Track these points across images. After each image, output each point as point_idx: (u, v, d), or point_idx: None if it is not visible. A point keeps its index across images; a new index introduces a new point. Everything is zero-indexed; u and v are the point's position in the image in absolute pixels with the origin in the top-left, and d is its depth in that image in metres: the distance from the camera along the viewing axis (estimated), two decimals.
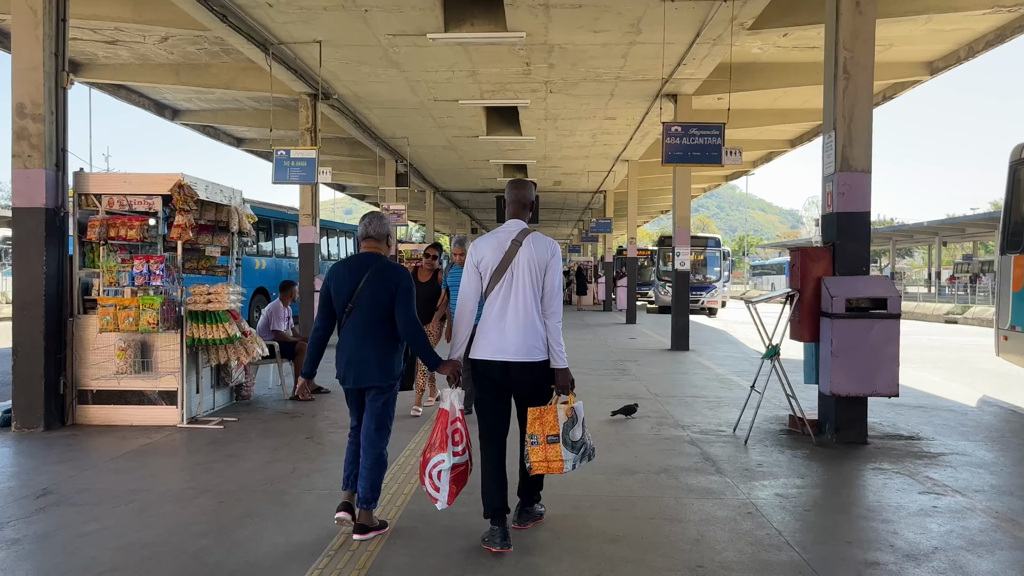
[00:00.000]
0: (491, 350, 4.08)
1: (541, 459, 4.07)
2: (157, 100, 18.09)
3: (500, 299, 4.09)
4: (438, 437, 4.05)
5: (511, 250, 4.11)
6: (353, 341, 4.22)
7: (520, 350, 4.04)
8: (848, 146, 6.72)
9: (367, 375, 4.22)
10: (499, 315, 4.08)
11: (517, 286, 4.07)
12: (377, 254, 4.36)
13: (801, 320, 6.81)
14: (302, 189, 14.73)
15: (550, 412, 4.07)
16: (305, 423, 7.48)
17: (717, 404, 8.70)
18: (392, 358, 4.26)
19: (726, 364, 12.65)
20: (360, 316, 4.20)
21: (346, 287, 4.24)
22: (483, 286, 4.15)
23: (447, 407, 4.10)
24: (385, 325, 4.22)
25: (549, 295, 4.12)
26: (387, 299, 4.19)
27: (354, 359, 4.21)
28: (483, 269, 4.15)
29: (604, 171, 25.21)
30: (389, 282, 4.19)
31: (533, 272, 4.08)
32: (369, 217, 4.46)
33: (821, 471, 5.85)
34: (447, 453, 4.00)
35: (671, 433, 7.13)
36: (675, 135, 10.09)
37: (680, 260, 14.58)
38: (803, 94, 16.57)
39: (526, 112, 16.51)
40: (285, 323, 9.08)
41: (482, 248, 4.19)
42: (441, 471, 4.01)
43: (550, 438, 4.05)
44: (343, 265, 4.33)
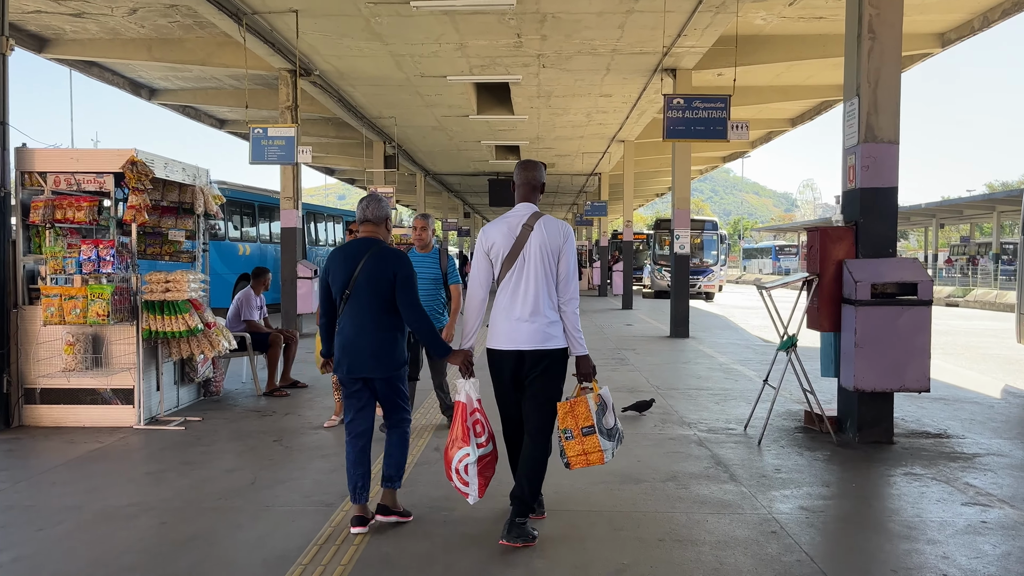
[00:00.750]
0: (504, 339, 3.95)
1: (578, 453, 3.92)
2: (132, 79, 17.28)
3: (512, 286, 3.94)
4: (459, 431, 3.93)
5: (522, 235, 3.94)
6: (349, 329, 4.07)
7: (533, 338, 3.90)
8: (873, 114, 6.05)
9: (362, 364, 4.06)
10: (510, 303, 3.94)
11: (529, 272, 3.92)
12: (375, 239, 4.20)
13: (820, 307, 6.17)
14: (283, 170, 14.01)
15: (581, 403, 3.92)
16: (275, 423, 6.82)
17: (723, 397, 8.07)
18: (390, 347, 4.09)
19: (728, 352, 12.03)
20: (357, 303, 4.06)
21: (343, 273, 4.09)
22: (494, 273, 4.02)
23: (463, 399, 3.96)
24: (384, 312, 4.06)
25: (564, 280, 3.97)
26: (385, 286, 4.04)
27: (349, 348, 4.06)
28: (494, 256, 4.00)
29: (599, 152, 24.49)
30: (387, 268, 4.05)
31: (546, 257, 3.94)
32: (367, 200, 4.27)
33: (847, 477, 5.22)
34: (471, 446, 3.89)
35: (676, 432, 6.50)
36: (677, 108, 9.40)
37: (680, 243, 13.93)
38: (807, 69, 15.88)
39: (518, 89, 15.78)
40: (257, 312, 8.39)
41: (492, 234, 4.02)
42: (468, 465, 3.91)
43: (585, 430, 3.89)
44: (340, 251, 4.17)
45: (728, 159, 29.24)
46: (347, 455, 4.17)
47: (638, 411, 7.17)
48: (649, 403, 7.22)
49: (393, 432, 4.24)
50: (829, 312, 6.15)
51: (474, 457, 3.91)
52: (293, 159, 10.77)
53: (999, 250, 42.21)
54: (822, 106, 19.68)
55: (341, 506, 4.51)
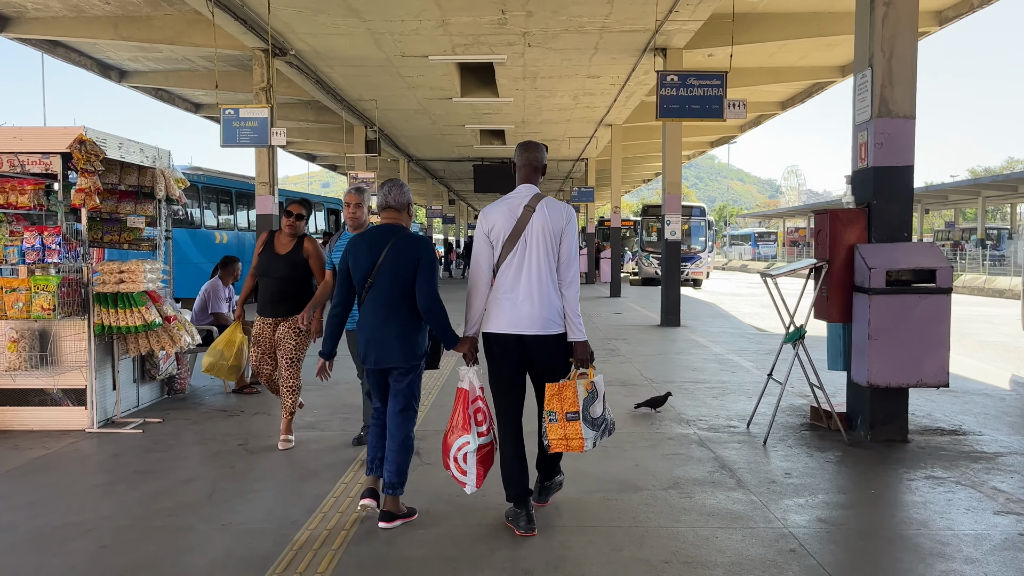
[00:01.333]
0: (504, 323, 3.87)
1: (560, 437, 3.84)
2: (100, 60, 16.58)
3: (513, 269, 3.87)
4: (460, 418, 3.87)
5: (524, 217, 3.87)
6: (374, 319, 3.98)
7: (535, 322, 3.84)
8: (888, 86, 5.59)
9: (389, 355, 3.98)
10: (512, 286, 3.87)
11: (531, 255, 3.86)
12: (398, 225, 4.09)
13: (830, 296, 5.72)
14: (258, 154, 13.38)
15: (569, 388, 3.83)
16: (241, 424, 6.31)
17: (722, 391, 7.63)
18: (416, 336, 4.02)
19: (722, 342, 11.60)
20: (381, 292, 3.96)
21: (366, 261, 3.97)
22: (495, 256, 3.92)
23: (466, 386, 3.89)
24: (408, 301, 3.97)
25: (565, 263, 3.91)
26: (410, 273, 3.94)
27: (375, 338, 3.97)
28: (494, 238, 3.92)
29: (586, 137, 24.00)
30: (411, 255, 3.94)
31: (548, 240, 3.87)
32: (389, 185, 4.13)
33: (864, 482, 4.79)
34: (471, 434, 3.83)
35: (675, 430, 6.05)
36: (671, 85, 8.91)
37: (671, 229, 13.47)
38: (800, 49, 15.43)
39: (503, 70, 15.23)
40: (226, 304, 7.85)
41: (492, 215, 3.94)
42: (467, 453, 3.85)
43: (569, 415, 3.81)
44: (362, 238, 4.05)
45: (716, 144, 28.80)
46: (371, 430, 4.21)
47: (652, 407, 6.69)
48: (664, 399, 6.73)
49: (396, 435, 4.03)
50: (839, 301, 5.70)
51: (474, 446, 3.83)
52: (266, 141, 10.22)
53: (983, 235, 42.17)
54: (813, 88, 19.24)
55: (307, 524, 4.02)
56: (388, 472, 4.00)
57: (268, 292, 5.61)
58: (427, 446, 5.47)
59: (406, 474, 4.03)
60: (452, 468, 3.91)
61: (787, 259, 56.20)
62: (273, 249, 5.65)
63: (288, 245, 5.65)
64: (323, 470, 4.98)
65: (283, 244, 5.67)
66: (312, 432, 6.00)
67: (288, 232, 5.67)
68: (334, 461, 5.18)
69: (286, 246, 5.65)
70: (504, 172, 27.89)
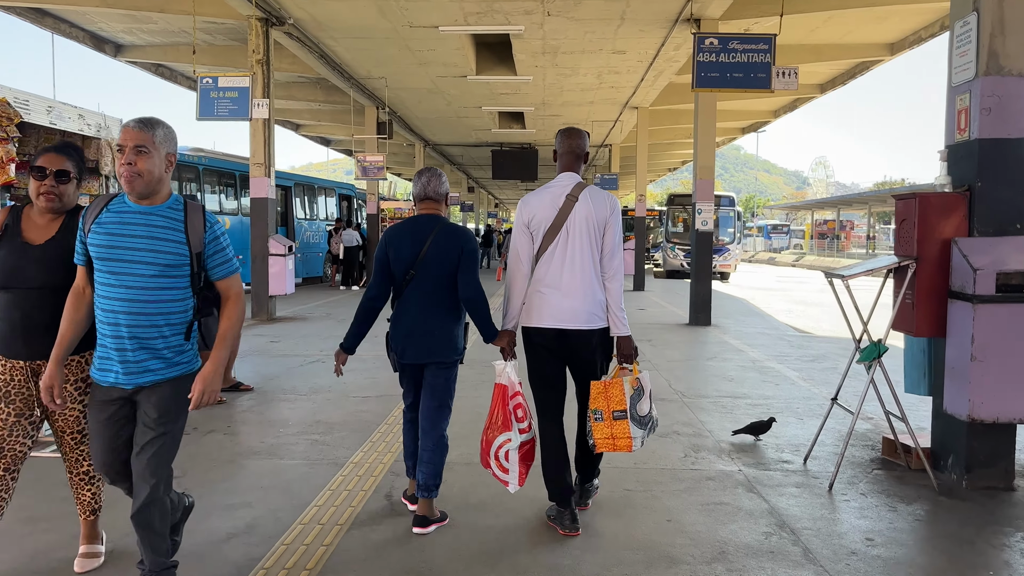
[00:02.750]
0: (546, 317, 3.77)
1: (606, 436, 3.71)
2: (93, 32, 15.56)
3: (555, 261, 3.77)
4: (500, 415, 3.75)
5: (566, 206, 3.77)
6: (415, 312, 3.81)
7: (577, 316, 3.73)
8: (999, 36, 4.35)
9: (431, 349, 3.82)
10: (554, 279, 3.77)
11: (573, 246, 3.75)
12: (438, 215, 3.93)
13: (917, 303, 4.51)
14: (252, 132, 12.32)
15: (616, 386, 3.69)
16: (185, 447, 5.23)
17: (766, 410, 6.44)
18: (457, 330, 3.89)
19: (759, 344, 10.38)
20: (423, 284, 3.80)
21: (407, 252, 3.81)
22: (535, 247, 3.81)
23: (504, 381, 3.75)
24: (449, 293, 3.83)
25: (608, 255, 3.80)
26: (452, 264, 3.80)
27: (416, 331, 3.81)
28: (534, 228, 3.81)
29: (610, 121, 22.70)
30: (454, 245, 3.80)
31: (591, 230, 3.76)
32: (427, 176, 3.95)
33: (977, 557, 3.60)
34: (513, 431, 3.70)
35: (714, 465, 4.89)
36: (710, 50, 7.67)
37: (702, 218, 12.23)
38: (846, 22, 14.08)
39: (520, 43, 14.02)
40: None
41: (533, 204, 3.84)
42: (508, 451, 3.72)
43: (616, 414, 3.68)
44: (403, 227, 3.89)
45: (748, 130, 27.37)
46: (405, 432, 4.06)
47: (753, 435, 5.51)
48: (768, 424, 5.49)
49: (431, 435, 3.84)
50: (929, 310, 4.49)
51: (516, 443, 3.70)
52: (247, 114, 9.15)
53: None
54: (857, 68, 17.83)
55: None
56: (423, 474, 3.82)
57: (18, 314, 3.06)
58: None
59: (441, 475, 3.87)
60: (493, 466, 3.77)
61: (816, 253, 54.53)
62: (20, 237, 3.11)
63: (48, 228, 3.14)
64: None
65: (38, 227, 3.14)
66: (259, 459, 4.89)
67: (46, 205, 3.10)
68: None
69: (43, 230, 3.13)
70: (524, 158, 26.71)
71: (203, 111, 9.21)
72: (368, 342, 4.26)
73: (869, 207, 60.02)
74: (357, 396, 6.79)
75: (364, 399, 6.66)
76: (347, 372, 7.91)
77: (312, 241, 22.33)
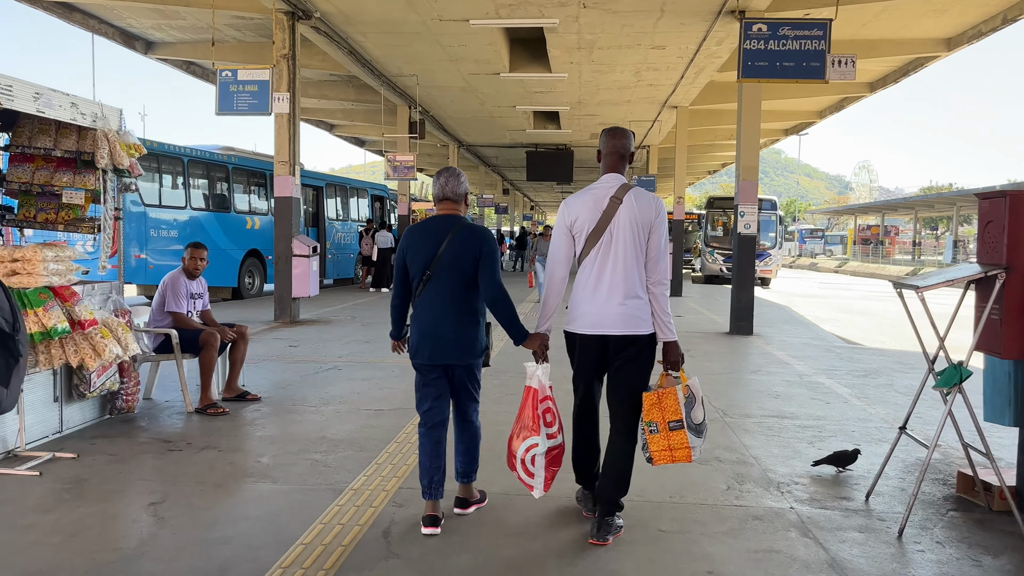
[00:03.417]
0: (587, 322, 3.67)
1: (663, 448, 3.57)
2: (122, 28, 15.37)
3: (597, 264, 3.65)
4: (528, 419, 3.63)
5: (610, 208, 3.64)
6: (430, 313, 3.73)
7: (619, 322, 3.61)
8: None
9: (446, 351, 3.73)
10: (596, 283, 3.65)
11: (617, 249, 3.62)
12: (456, 215, 3.83)
13: (1006, 320, 3.86)
14: (277, 128, 11.91)
15: (669, 395, 3.57)
16: (178, 464, 4.77)
17: (818, 433, 5.81)
18: (474, 331, 3.78)
19: (805, 357, 9.69)
20: (439, 285, 3.71)
21: (424, 253, 3.73)
22: (577, 249, 3.71)
23: (535, 385, 3.65)
24: (467, 294, 3.73)
25: (654, 259, 3.68)
26: (470, 265, 3.69)
27: (431, 333, 3.73)
28: (577, 231, 3.70)
29: (648, 121, 22.02)
30: (472, 246, 3.70)
31: (636, 233, 3.63)
32: (446, 176, 3.87)
33: None
34: (540, 435, 3.60)
35: (762, 501, 4.29)
36: (758, 37, 7.05)
37: (745, 221, 11.56)
38: (902, 15, 13.28)
39: (555, 38, 13.47)
40: (187, 302, 6.31)
41: (575, 207, 3.73)
42: (535, 455, 3.61)
43: (672, 424, 3.54)
44: (420, 228, 3.83)
45: (791, 131, 26.47)
46: (421, 447, 3.82)
47: (837, 466, 4.86)
48: (853, 456, 4.81)
49: (465, 428, 3.93)
50: (1020, 328, 3.84)
51: (543, 448, 3.62)
52: (267, 108, 8.74)
53: None
54: (910, 66, 16.94)
55: None
56: (461, 462, 3.92)
57: None
58: None
59: (478, 461, 3.94)
60: (519, 470, 3.68)
61: (860, 259, 53.09)
62: None
63: None
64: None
65: None
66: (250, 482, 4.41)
67: None
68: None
69: None
70: (559, 159, 26.17)
71: (222, 106, 8.84)
72: (382, 349, 3.80)
73: (915, 212, 58.35)
74: (368, 409, 6.29)
75: (376, 413, 6.16)
76: (362, 381, 7.43)
77: (344, 242, 22.02)
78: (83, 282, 5.61)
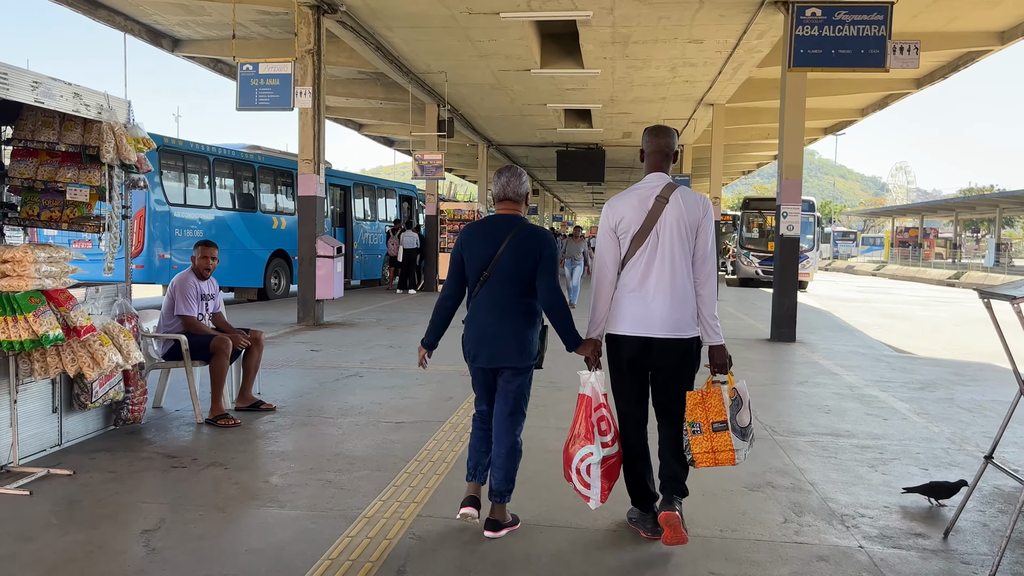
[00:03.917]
0: (631, 324, 3.59)
1: (706, 450, 3.49)
2: (148, 25, 15.17)
3: (643, 265, 3.57)
4: (582, 427, 3.55)
5: (655, 208, 3.56)
6: (488, 315, 3.67)
7: (666, 324, 3.54)
8: None
9: (504, 354, 3.67)
10: (641, 284, 3.58)
11: (664, 250, 3.55)
12: (517, 216, 3.77)
13: None
14: (301, 126, 11.59)
15: (714, 395, 3.51)
16: (178, 484, 4.39)
17: (880, 455, 5.28)
18: (531, 335, 3.70)
19: (854, 367, 9.11)
20: (497, 287, 3.65)
21: (482, 253, 3.66)
22: (622, 251, 3.61)
23: (588, 392, 3.57)
24: (524, 297, 3.67)
25: (701, 260, 3.58)
26: (529, 268, 3.63)
27: (488, 335, 3.66)
28: (622, 232, 3.61)
29: (683, 119, 21.45)
30: (532, 248, 3.63)
31: (683, 233, 3.55)
32: (507, 175, 3.79)
33: None
34: (595, 444, 3.51)
35: (825, 537, 3.79)
36: (811, 23, 6.52)
37: (788, 223, 10.99)
38: (951, 7, 12.61)
39: (588, 32, 13.00)
40: (198, 304, 5.95)
41: (620, 208, 3.63)
42: (590, 465, 3.52)
43: (716, 425, 3.49)
44: (479, 227, 3.74)
45: (831, 130, 25.70)
46: (473, 434, 3.85)
47: (933, 498, 4.33)
48: (956, 487, 4.26)
49: (505, 439, 3.76)
50: None
51: (598, 457, 3.51)
52: (289, 103, 8.39)
53: None
54: (959, 61, 16.19)
55: None
56: (496, 479, 3.74)
57: None
58: None
59: (515, 480, 3.79)
60: (574, 480, 3.60)
61: (898, 261, 51.80)
62: None
63: None
64: None
65: None
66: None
67: None
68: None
69: None
70: (590, 159, 25.67)
71: (243, 100, 8.51)
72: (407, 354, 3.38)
73: (956, 214, 56.86)
74: (389, 421, 5.88)
75: (396, 426, 5.75)
76: (383, 389, 7.03)
77: (371, 243, 21.74)
78: (86, 284, 5.28)
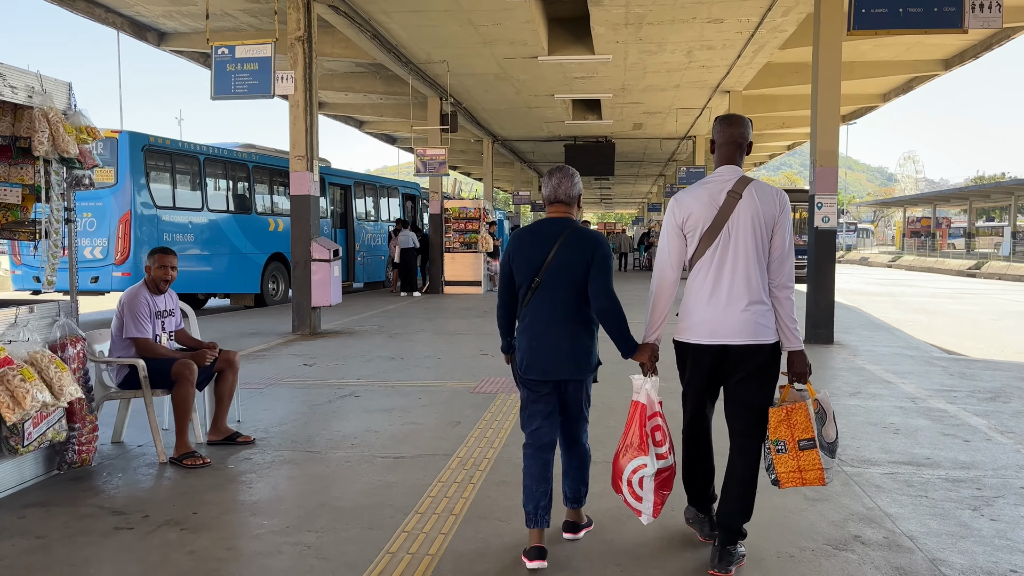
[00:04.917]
0: (703, 331, 3.34)
1: (792, 470, 3.24)
2: (130, 16, 14.29)
3: (715, 267, 3.32)
4: (636, 437, 3.34)
5: (727, 204, 3.29)
6: (541, 324, 3.45)
7: (741, 330, 3.27)
8: None
9: (559, 365, 3.42)
10: (713, 287, 3.32)
11: (737, 249, 3.29)
12: (568, 218, 3.53)
13: None
14: (292, 120, 10.74)
15: (799, 411, 3.22)
16: (127, 553, 3.49)
17: (978, 490, 4.35)
18: (588, 343, 3.47)
19: (906, 372, 8.17)
20: (550, 293, 3.43)
21: (532, 258, 3.45)
22: (689, 250, 3.37)
23: (643, 399, 3.36)
24: (578, 302, 3.44)
25: (778, 259, 3.32)
26: (582, 271, 3.41)
27: (543, 345, 3.43)
28: (689, 230, 3.36)
29: (697, 108, 20.51)
30: (585, 252, 3.41)
31: (757, 231, 3.29)
32: (558, 176, 3.53)
33: None
34: (649, 456, 3.30)
35: None
36: None
37: (823, 214, 10.06)
38: None
39: (600, 13, 12.08)
40: (150, 323, 5.02)
41: (687, 203, 3.36)
42: (644, 477, 3.31)
43: (803, 443, 3.20)
44: (529, 232, 3.54)
45: (850, 117, 24.71)
46: (527, 469, 3.45)
47: None
48: None
49: (574, 450, 3.62)
50: None
51: (652, 469, 3.27)
52: (268, 89, 7.51)
53: None
54: (993, 39, 15.23)
55: None
56: (570, 487, 3.64)
57: None
58: None
59: (588, 483, 3.66)
60: (625, 492, 3.36)
61: (913, 252, 50.71)
62: None
63: None
64: None
65: None
66: None
67: None
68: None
69: None
70: (599, 152, 24.73)
71: (218, 88, 7.64)
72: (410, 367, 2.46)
73: (970, 203, 55.70)
74: (386, 456, 4.98)
75: (395, 463, 4.85)
76: (381, 413, 6.15)
77: (374, 244, 20.90)
78: (18, 302, 4.40)
